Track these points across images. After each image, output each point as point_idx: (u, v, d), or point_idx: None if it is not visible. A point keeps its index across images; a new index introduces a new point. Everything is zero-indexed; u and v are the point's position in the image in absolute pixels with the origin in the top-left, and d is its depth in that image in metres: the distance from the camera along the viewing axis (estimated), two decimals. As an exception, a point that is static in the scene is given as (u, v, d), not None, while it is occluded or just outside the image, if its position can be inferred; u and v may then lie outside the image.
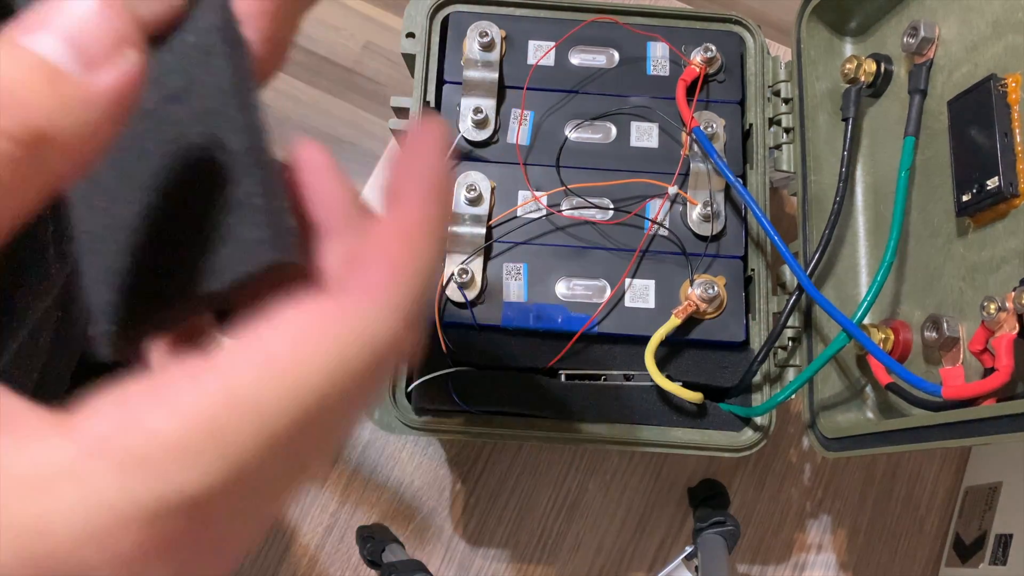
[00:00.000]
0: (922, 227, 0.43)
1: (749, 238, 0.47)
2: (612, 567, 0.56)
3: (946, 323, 0.39)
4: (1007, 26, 0.38)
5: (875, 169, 0.47)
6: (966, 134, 0.39)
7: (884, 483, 0.58)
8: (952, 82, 0.41)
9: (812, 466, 0.58)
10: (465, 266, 0.44)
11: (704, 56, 0.48)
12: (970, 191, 0.39)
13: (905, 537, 0.57)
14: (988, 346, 0.36)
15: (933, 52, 0.42)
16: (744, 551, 0.57)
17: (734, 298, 0.45)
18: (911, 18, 0.44)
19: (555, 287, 0.45)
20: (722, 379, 0.45)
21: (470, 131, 0.47)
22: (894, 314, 0.45)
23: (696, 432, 0.44)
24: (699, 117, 0.48)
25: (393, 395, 0.44)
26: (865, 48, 0.48)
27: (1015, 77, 0.37)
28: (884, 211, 0.46)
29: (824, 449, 0.43)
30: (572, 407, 0.44)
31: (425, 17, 0.49)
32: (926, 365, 0.42)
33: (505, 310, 0.45)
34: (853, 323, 0.40)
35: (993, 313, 0.35)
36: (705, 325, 0.45)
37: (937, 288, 0.41)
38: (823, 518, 0.58)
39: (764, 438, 0.44)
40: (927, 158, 0.43)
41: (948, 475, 0.58)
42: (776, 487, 0.58)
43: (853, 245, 0.47)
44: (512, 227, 0.46)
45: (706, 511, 0.52)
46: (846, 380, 0.46)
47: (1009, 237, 0.37)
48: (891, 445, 0.38)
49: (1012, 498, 0.51)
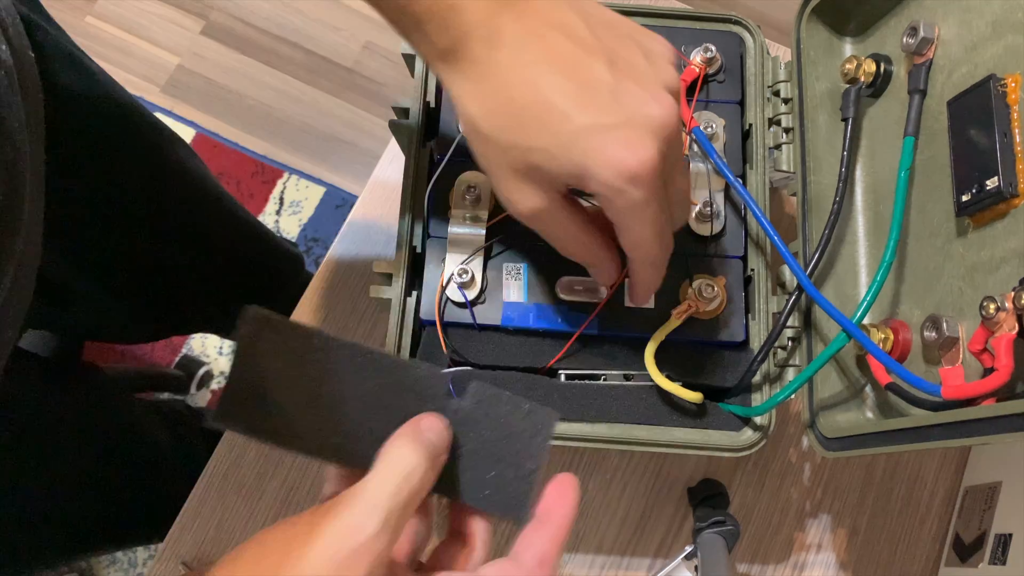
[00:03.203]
0: (922, 227, 0.43)
1: (749, 238, 0.47)
2: (612, 566, 0.56)
3: (946, 323, 0.39)
4: (1007, 26, 0.38)
5: (875, 169, 0.47)
6: (966, 134, 0.39)
7: (884, 483, 0.58)
8: (952, 82, 0.41)
9: (812, 466, 0.58)
10: (465, 266, 0.44)
11: (704, 56, 0.48)
12: (970, 191, 0.39)
13: (905, 537, 0.57)
14: (987, 346, 0.36)
15: (933, 52, 0.42)
16: (744, 551, 0.57)
17: (734, 298, 0.45)
18: (911, 18, 0.44)
19: (555, 287, 0.45)
20: (722, 379, 0.45)
21: (470, 131, 0.47)
22: (894, 314, 0.45)
23: (696, 432, 0.44)
24: (699, 117, 0.48)
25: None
26: (865, 48, 0.48)
27: (1015, 77, 0.37)
28: (884, 211, 0.46)
29: (824, 449, 0.43)
30: (572, 407, 0.44)
31: (425, 17, 0.49)
32: (926, 365, 0.42)
33: (505, 310, 0.45)
34: (853, 323, 0.40)
35: (992, 313, 0.35)
36: (705, 325, 0.45)
37: (937, 288, 0.41)
38: (823, 518, 0.58)
39: (764, 438, 0.44)
40: (927, 158, 0.43)
41: (948, 475, 0.58)
42: (776, 487, 0.58)
43: (853, 245, 0.47)
44: (512, 227, 0.46)
45: (706, 511, 0.52)
46: (846, 380, 0.46)
47: (1008, 237, 0.37)
48: (891, 445, 0.38)
49: (1012, 498, 0.51)
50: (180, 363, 1.26)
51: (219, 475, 0.57)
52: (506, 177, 0.35)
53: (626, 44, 0.35)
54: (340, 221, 0.62)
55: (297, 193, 1.37)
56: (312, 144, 1.40)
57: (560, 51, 0.33)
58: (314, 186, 1.37)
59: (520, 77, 0.33)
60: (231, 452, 0.57)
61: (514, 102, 0.33)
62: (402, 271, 0.45)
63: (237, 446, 0.57)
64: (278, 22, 1.45)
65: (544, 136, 0.33)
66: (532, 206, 0.35)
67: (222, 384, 1.26)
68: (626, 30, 0.35)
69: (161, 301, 0.77)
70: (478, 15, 0.32)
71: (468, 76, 0.34)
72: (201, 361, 1.26)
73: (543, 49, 0.33)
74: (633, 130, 0.32)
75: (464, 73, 0.34)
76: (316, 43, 1.44)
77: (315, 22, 1.45)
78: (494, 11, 0.32)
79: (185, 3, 1.45)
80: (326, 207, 1.36)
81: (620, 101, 0.33)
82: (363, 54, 1.45)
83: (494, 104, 0.33)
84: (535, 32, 0.33)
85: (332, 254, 0.61)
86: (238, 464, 0.57)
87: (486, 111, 0.34)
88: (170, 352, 1.26)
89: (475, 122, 0.34)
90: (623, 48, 0.34)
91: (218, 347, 1.28)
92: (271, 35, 1.45)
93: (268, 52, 1.44)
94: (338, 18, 1.46)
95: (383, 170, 0.63)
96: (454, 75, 0.34)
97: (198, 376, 1.23)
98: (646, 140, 0.32)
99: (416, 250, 0.47)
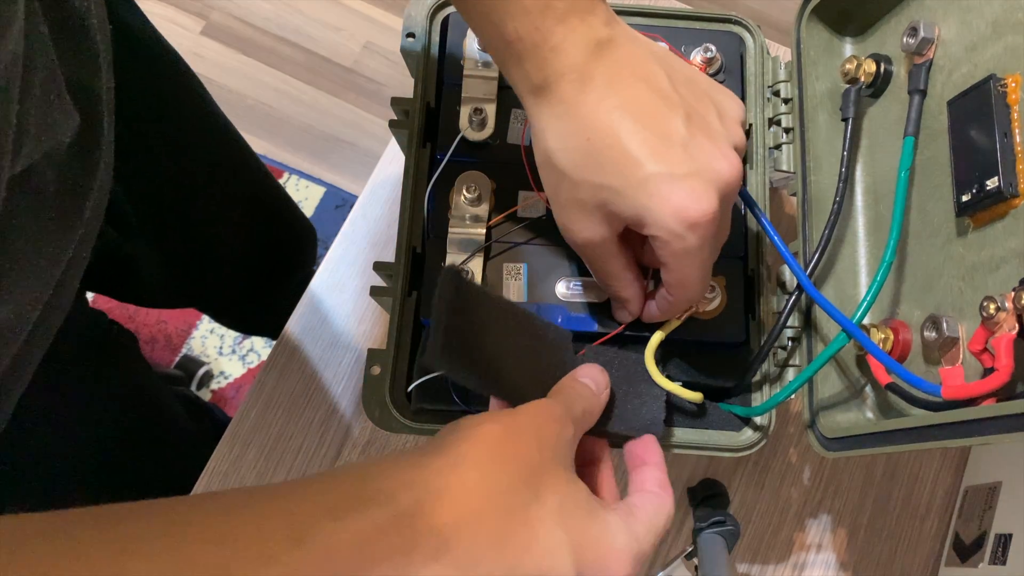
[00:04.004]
0: (922, 227, 0.43)
1: (749, 238, 0.47)
2: (612, 567, 0.56)
3: (946, 323, 0.39)
4: (1007, 26, 0.38)
5: (875, 169, 0.47)
6: (966, 134, 0.39)
7: (884, 483, 0.58)
8: (952, 82, 0.41)
9: (812, 466, 0.58)
10: (465, 266, 0.44)
11: (704, 56, 0.48)
12: (970, 191, 0.39)
13: (905, 537, 0.57)
14: (988, 346, 0.36)
15: (933, 52, 0.42)
16: (744, 551, 0.57)
17: (734, 298, 0.45)
18: (911, 18, 0.44)
19: (555, 287, 0.45)
20: (722, 379, 0.45)
21: (470, 131, 0.47)
22: (894, 314, 0.45)
23: (696, 432, 0.44)
24: (699, 117, 0.48)
25: (393, 395, 0.44)
26: (865, 48, 0.48)
27: (1015, 77, 0.37)
28: (884, 211, 0.46)
29: (824, 449, 0.43)
30: None
31: (425, 17, 0.49)
32: (926, 365, 0.42)
33: (505, 310, 0.45)
34: (853, 323, 0.40)
35: (992, 313, 0.35)
36: (705, 325, 0.45)
37: (937, 288, 0.41)
38: (823, 517, 0.58)
39: (764, 438, 0.44)
40: (927, 158, 0.43)
41: (948, 475, 0.58)
42: (776, 487, 0.58)
43: (853, 245, 0.47)
44: (512, 227, 0.46)
45: (706, 511, 0.52)
46: (846, 380, 0.46)
47: (1008, 237, 0.37)
48: (891, 445, 0.38)
49: (1012, 498, 0.51)
50: (180, 363, 1.26)
51: (219, 474, 0.57)
52: (571, 208, 0.38)
53: (703, 101, 0.38)
54: (340, 221, 0.62)
55: (297, 193, 1.37)
56: (312, 144, 1.40)
57: (642, 101, 0.36)
58: (314, 186, 1.37)
59: (602, 120, 0.35)
60: (231, 452, 0.57)
61: (592, 142, 0.36)
62: (402, 271, 0.45)
63: (237, 446, 0.57)
64: (278, 22, 1.45)
65: (616, 177, 0.35)
66: (589, 237, 0.38)
67: (223, 384, 1.26)
68: (704, 87, 0.39)
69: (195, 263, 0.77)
70: (576, 59, 0.35)
71: (554, 112, 0.36)
72: (201, 361, 1.26)
73: (628, 97, 0.36)
74: (699, 182, 0.35)
75: (551, 109, 0.37)
76: (316, 43, 1.44)
77: (315, 22, 1.45)
78: (590, 57, 0.36)
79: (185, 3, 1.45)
80: (326, 207, 1.36)
81: (691, 154, 0.35)
82: (363, 54, 1.45)
83: (574, 142, 0.36)
84: (623, 80, 0.36)
85: (332, 254, 0.61)
86: (238, 464, 0.57)
87: (565, 147, 0.36)
88: (170, 352, 1.26)
89: (552, 155, 0.37)
90: (700, 104, 0.37)
91: (218, 347, 1.28)
92: (271, 35, 1.45)
93: (268, 52, 1.44)
94: (338, 18, 1.46)
95: (383, 170, 0.63)
96: (541, 109, 0.37)
97: (198, 376, 1.23)
98: (710, 192, 0.35)
99: (416, 250, 0.47)
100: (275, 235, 0.87)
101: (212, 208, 0.74)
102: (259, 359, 1.27)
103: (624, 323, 0.44)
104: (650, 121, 0.35)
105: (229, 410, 1.21)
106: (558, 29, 0.35)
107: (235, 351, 1.27)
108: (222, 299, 0.92)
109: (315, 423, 0.58)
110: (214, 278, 0.83)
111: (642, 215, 0.35)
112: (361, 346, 0.59)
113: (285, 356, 0.59)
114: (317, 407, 0.58)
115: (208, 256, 0.79)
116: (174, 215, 0.71)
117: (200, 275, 0.82)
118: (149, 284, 0.80)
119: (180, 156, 0.67)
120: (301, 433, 0.57)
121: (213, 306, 0.98)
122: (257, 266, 0.85)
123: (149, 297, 0.87)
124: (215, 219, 0.75)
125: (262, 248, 0.84)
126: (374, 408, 0.43)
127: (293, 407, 0.58)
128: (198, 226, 0.74)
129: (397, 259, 0.46)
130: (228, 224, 0.77)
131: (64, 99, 0.35)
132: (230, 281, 0.85)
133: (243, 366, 1.27)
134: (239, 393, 1.24)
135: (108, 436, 0.67)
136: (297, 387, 0.58)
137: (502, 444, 0.31)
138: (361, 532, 0.26)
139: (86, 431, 0.64)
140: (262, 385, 0.58)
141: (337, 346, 0.59)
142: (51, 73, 0.34)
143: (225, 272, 0.83)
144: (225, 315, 1.03)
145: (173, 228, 0.73)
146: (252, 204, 0.80)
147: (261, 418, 0.58)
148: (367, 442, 0.57)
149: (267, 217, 0.84)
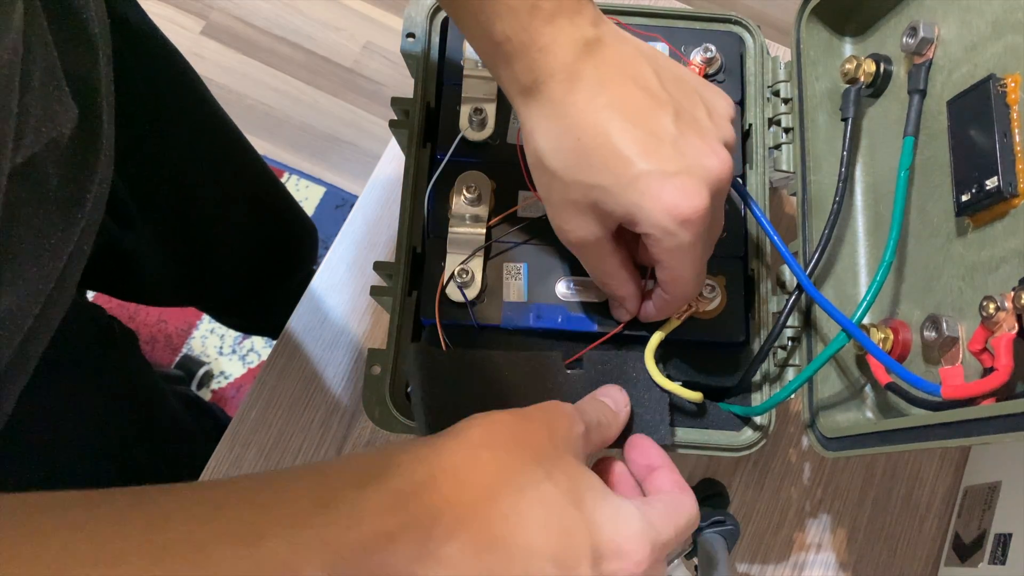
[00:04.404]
0: (921, 227, 0.43)
1: (749, 238, 0.47)
2: (612, 567, 0.56)
3: (945, 323, 0.39)
4: (1006, 26, 0.38)
5: (875, 169, 0.47)
6: (965, 134, 0.39)
7: (883, 483, 0.58)
8: (951, 82, 0.41)
9: (812, 466, 0.58)
10: (465, 266, 0.44)
11: (704, 56, 0.48)
12: (969, 191, 0.39)
13: (904, 536, 0.58)
14: (987, 346, 0.36)
15: (932, 52, 0.42)
16: (744, 550, 0.57)
17: (734, 298, 0.45)
18: (911, 18, 0.44)
19: (555, 287, 0.45)
20: (722, 379, 0.45)
21: (470, 131, 0.47)
22: (893, 314, 0.45)
23: (696, 432, 0.45)
24: (699, 117, 0.48)
25: (393, 395, 0.44)
26: (865, 48, 0.48)
27: (1014, 77, 0.37)
28: (883, 211, 0.46)
29: (824, 449, 0.44)
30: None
31: (425, 17, 0.49)
32: (925, 365, 0.42)
33: (505, 310, 0.45)
34: (853, 323, 0.40)
35: (992, 313, 0.35)
36: (705, 325, 0.45)
37: (936, 288, 0.41)
38: (822, 517, 0.58)
39: (764, 438, 0.44)
40: (926, 158, 0.43)
41: (947, 475, 0.58)
42: (776, 487, 0.58)
43: (853, 245, 0.47)
44: (512, 227, 0.46)
45: (706, 510, 0.52)
46: (846, 380, 0.46)
47: (1008, 237, 0.37)
48: (891, 445, 0.38)
49: (1011, 497, 0.51)
50: (180, 363, 1.26)
51: (219, 474, 0.57)
52: (564, 208, 0.38)
53: (692, 99, 0.38)
54: (340, 221, 0.62)
55: (297, 193, 1.37)
56: (312, 144, 1.40)
57: (632, 100, 0.36)
58: (314, 186, 1.37)
59: (592, 120, 0.36)
60: (231, 452, 0.57)
61: (582, 142, 0.36)
62: (402, 271, 0.45)
63: (237, 446, 0.57)
64: (278, 22, 1.45)
65: (607, 176, 0.35)
66: (583, 236, 0.38)
67: (223, 384, 1.26)
68: (693, 85, 0.39)
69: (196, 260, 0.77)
70: (564, 59, 0.36)
71: (544, 113, 0.37)
72: (201, 361, 1.26)
73: (617, 96, 0.36)
74: (690, 178, 0.35)
75: (541, 110, 0.37)
76: (316, 43, 1.44)
77: (315, 22, 1.45)
78: (578, 57, 0.36)
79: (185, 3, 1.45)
80: (326, 207, 1.36)
81: (681, 151, 0.36)
82: (363, 54, 1.45)
83: (564, 142, 0.36)
84: (612, 80, 0.36)
85: (332, 254, 0.61)
86: (238, 464, 0.57)
87: (555, 147, 0.37)
88: (170, 352, 1.26)
89: (543, 156, 0.37)
90: (689, 102, 0.37)
91: (218, 347, 1.28)
92: (271, 35, 1.45)
93: (268, 52, 1.44)
94: (338, 18, 1.46)
95: (383, 170, 0.63)
96: (531, 110, 0.37)
97: (198, 376, 1.23)
98: (701, 189, 0.35)
99: (416, 250, 0.47)
100: (276, 234, 0.86)
101: (213, 205, 0.74)
102: (259, 359, 1.27)
103: (623, 322, 0.44)
104: (640, 119, 0.36)
105: (229, 410, 1.21)
106: (546, 30, 0.35)
107: (235, 351, 1.27)
108: (223, 297, 0.92)
109: (315, 423, 0.58)
110: (215, 276, 0.83)
111: (634, 213, 0.35)
112: (361, 346, 0.59)
113: (285, 356, 0.59)
114: (317, 407, 0.58)
115: (209, 253, 0.79)
116: (175, 210, 0.71)
117: (201, 273, 0.82)
118: (150, 281, 0.80)
119: (180, 151, 0.67)
120: (301, 433, 0.57)
121: (214, 305, 0.98)
122: (258, 264, 0.85)
123: (150, 295, 0.87)
124: (216, 216, 0.75)
125: (263, 247, 0.84)
126: (374, 408, 0.43)
127: (293, 407, 0.58)
128: (199, 223, 0.74)
129: (397, 259, 0.46)
130: (229, 222, 0.77)
131: (63, 91, 0.35)
132: (231, 279, 0.85)
133: (243, 366, 1.27)
134: (239, 393, 1.24)
135: (108, 435, 0.67)
136: (297, 387, 0.58)
137: (513, 430, 0.31)
138: (382, 501, 0.27)
139: (86, 429, 0.64)
140: (262, 385, 0.58)
141: (337, 346, 0.59)
142: (50, 64, 0.34)
143: (226, 270, 0.83)
144: (225, 314, 1.03)
145: (174, 223, 0.73)
146: (253, 202, 0.80)
147: (261, 418, 0.58)
148: (367, 442, 0.57)
149: (268, 216, 0.84)
